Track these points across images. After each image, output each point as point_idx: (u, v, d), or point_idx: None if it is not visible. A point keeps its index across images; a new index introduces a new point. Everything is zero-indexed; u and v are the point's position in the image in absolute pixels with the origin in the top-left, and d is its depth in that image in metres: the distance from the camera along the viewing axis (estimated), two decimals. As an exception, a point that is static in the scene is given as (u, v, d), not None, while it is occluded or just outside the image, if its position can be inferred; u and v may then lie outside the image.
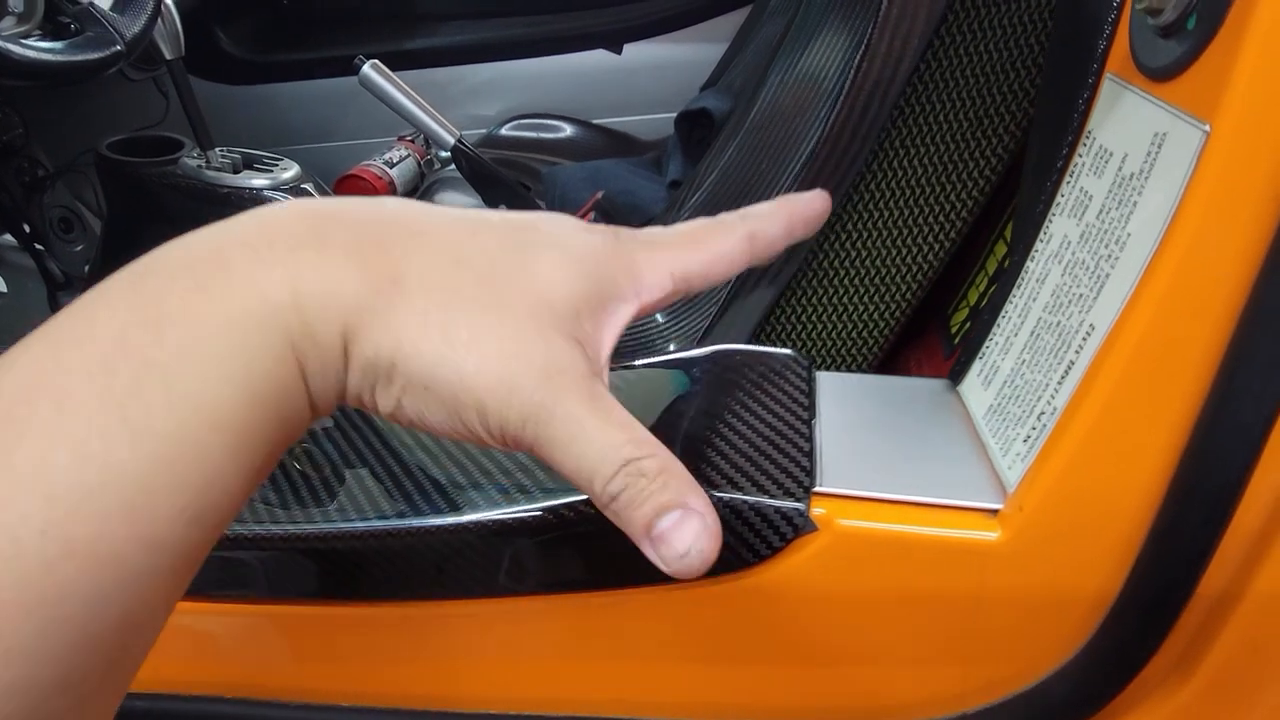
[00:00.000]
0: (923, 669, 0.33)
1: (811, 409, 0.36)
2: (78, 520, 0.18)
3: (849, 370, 0.57)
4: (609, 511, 0.23)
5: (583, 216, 1.01)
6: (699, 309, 0.88)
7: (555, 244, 0.25)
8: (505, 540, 0.34)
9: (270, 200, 1.06)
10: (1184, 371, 0.26)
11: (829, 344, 0.57)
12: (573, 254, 0.24)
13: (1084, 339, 0.29)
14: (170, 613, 0.21)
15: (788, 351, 0.39)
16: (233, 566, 0.38)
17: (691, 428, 0.35)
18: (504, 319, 0.23)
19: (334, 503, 0.38)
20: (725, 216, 0.28)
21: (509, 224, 0.25)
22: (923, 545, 0.31)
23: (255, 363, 0.21)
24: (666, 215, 1.17)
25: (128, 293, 0.21)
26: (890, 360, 0.60)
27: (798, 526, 0.31)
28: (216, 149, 1.08)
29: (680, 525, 0.23)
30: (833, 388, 0.38)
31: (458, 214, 0.25)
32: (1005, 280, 0.35)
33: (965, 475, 0.32)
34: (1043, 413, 0.30)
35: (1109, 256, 0.28)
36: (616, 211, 1.05)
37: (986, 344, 0.35)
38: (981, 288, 0.57)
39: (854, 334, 0.57)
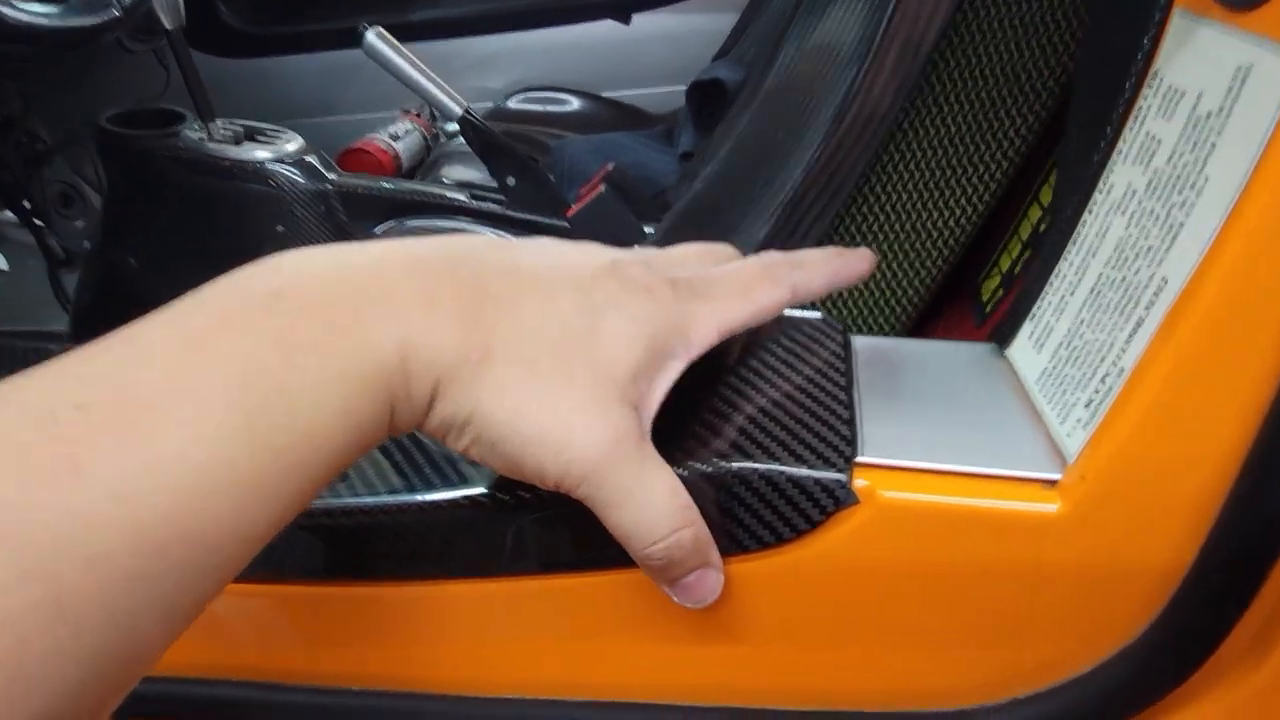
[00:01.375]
0: (971, 651, 0.31)
1: (849, 374, 0.33)
2: (197, 512, 0.21)
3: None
4: (643, 567, 0.28)
5: (592, 189, 0.99)
6: (702, 238, 0.86)
7: (621, 310, 0.27)
8: (523, 515, 0.32)
9: (274, 175, 1.04)
10: (1270, 325, 0.24)
11: (856, 312, 0.55)
12: (635, 321, 0.27)
13: (1155, 294, 0.26)
14: None
15: (819, 315, 0.37)
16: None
17: (722, 392, 0.33)
18: (570, 391, 0.26)
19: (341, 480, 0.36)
20: (774, 261, 0.31)
21: (583, 285, 0.28)
22: (974, 519, 0.29)
23: (362, 409, 0.24)
24: (679, 186, 1.14)
25: (262, 315, 0.23)
26: (917, 331, 0.57)
27: (839, 499, 0.29)
28: (218, 121, 1.05)
29: (701, 580, 0.29)
30: (870, 352, 0.35)
31: (541, 272, 0.28)
32: (1055, 237, 0.33)
33: (1018, 444, 0.30)
34: (1107, 375, 0.27)
35: (1183, 204, 0.26)
36: (627, 183, 1.03)
37: (1038, 304, 0.33)
38: (1015, 253, 0.55)
39: (882, 302, 0.54)
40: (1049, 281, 0.32)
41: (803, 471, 0.29)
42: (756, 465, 0.30)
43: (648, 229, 0.98)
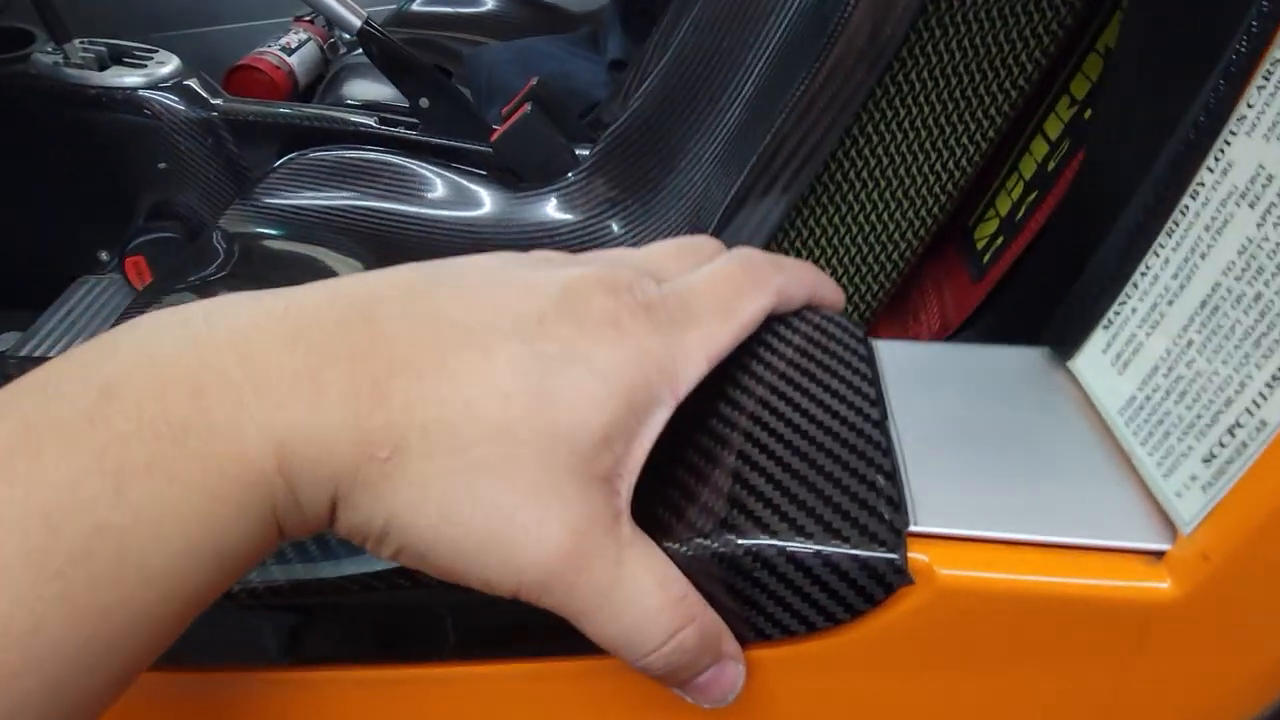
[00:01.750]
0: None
1: (882, 403, 0.27)
2: None
3: (865, 296, 0.48)
4: (644, 674, 0.22)
5: (517, 109, 0.88)
6: (674, 206, 0.77)
7: (583, 362, 0.21)
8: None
9: (149, 103, 0.90)
10: None
11: (846, 261, 0.48)
12: (602, 374, 0.21)
13: (1312, 324, 0.20)
14: None
15: (834, 315, 0.30)
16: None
17: (722, 427, 0.26)
18: (513, 481, 0.20)
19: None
20: (756, 263, 0.26)
21: (527, 333, 0.21)
22: (1058, 601, 0.23)
23: (228, 531, 0.19)
24: (612, 103, 1.04)
25: (83, 427, 0.18)
26: (906, 282, 0.51)
27: (891, 584, 0.23)
28: (75, 41, 0.91)
29: (718, 678, 0.23)
30: (900, 366, 0.29)
31: (471, 318, 0.21)
32: (1137, 220, 0.26)
33: (1109, 499, 0.24)
34: (1238, 425, 0.21)
35: (1351, 202, 0.20)
36: (554, 100, 0.92)
37: (1117, 308, 0.26)
38: (1016, 194, 0.48)
39: (875, 250, 0.47)
40: (1133, 280, 0.26)
41: (844, 550, 0.23)
42: (781, 543, 0.23)
43: (580, 151, 0.88)
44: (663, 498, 0.24)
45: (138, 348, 0.19)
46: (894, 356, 0.29)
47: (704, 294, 0.24)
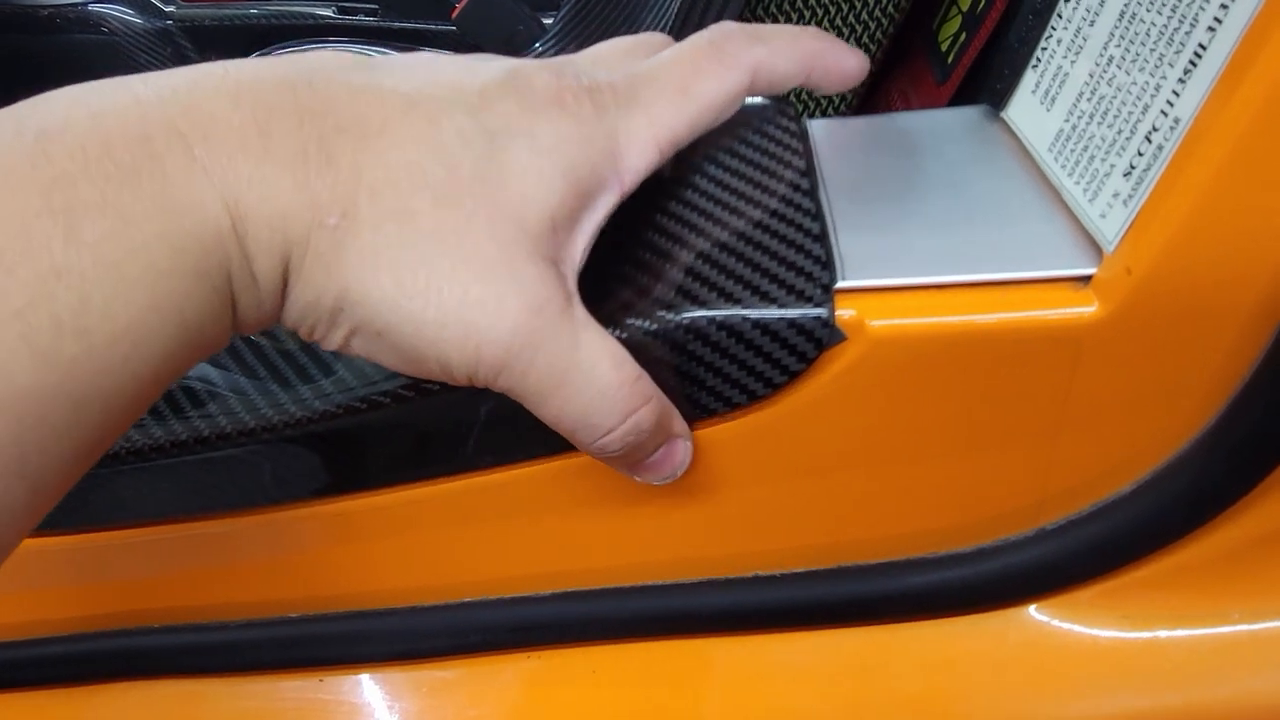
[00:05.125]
0: (988, 486, 0.26)
1: (812, 173, 0.26)
2: None
3: (827, 111, 0.47)
4: (597, 458, 0.23)
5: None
6: (608, 23, 0.75)
7: (526, 135, 0.20)
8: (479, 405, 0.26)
9: (103, 19, 0.88)
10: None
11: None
12: (546, 149, 0.21)
13: (1221, 8, 0.19)
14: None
15: (762, 100, 0.29)
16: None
17: (654, 214, 0.26)
18: (467, 254, 0.19)
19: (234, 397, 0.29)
20: (725, 35, 0.23)
21: (470, 105, 0.21)
22: (988, 337, 0.23)
23: (188, 297, 0.18)
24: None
25: (24, 165, 0.16)
26: (873, 89, 0.50)
27: (821, 340, 0.23)
28: (17, -39, 0.88)
29: (668, 455, 0.24)
30: (832, 138, 0.28)
31: (414, 89, 0.20)
32: (1060, -52, 0.25)
33: (1036, 233, 0.23)
34: (1155, 129, 0.21)
35: None
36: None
37: (1042, 44, 0.25)
38: (975, -14, 0.46)
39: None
40: (1056, 11, 0.25)
41: (772, 313, 0.23)
42: (712, 312, 0.23)
43: (546, 19, 0.86)
44: (596, 291, 0.24)
45: (71, 100, 0.18)
46: (828, 130, 0.28)
47: (657, 76, 0.23)
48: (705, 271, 0.24)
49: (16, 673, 0.35)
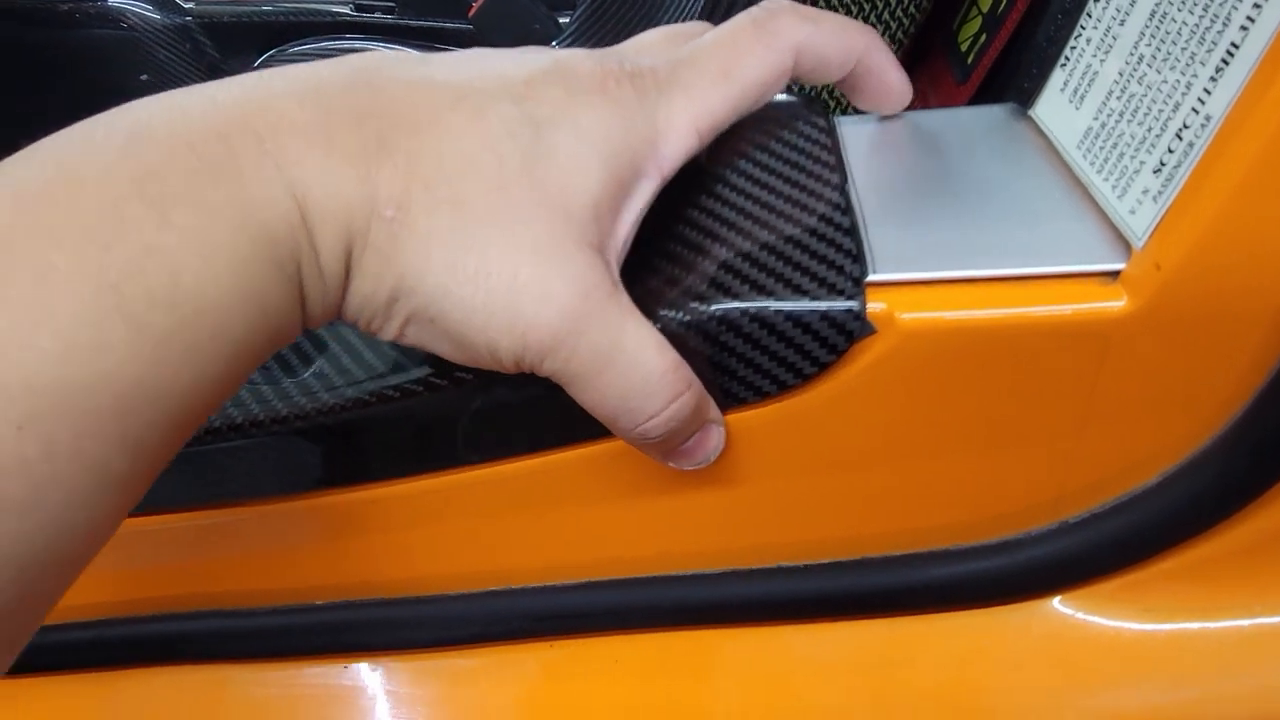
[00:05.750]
0: (1012, 479, 0.26)
1: (842, 168, 0.27)
2: (62, 419, 0.16)
3: (848, 111, 0.47)
4: (634, 444, 0.23)
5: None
6: (624, 22, 0.76)
7: (571, 123, 0.21)
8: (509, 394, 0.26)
9: (123, 14, 0.89)
10: None
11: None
12: (590, 136, 0.21)
13: (1254, 7, 0.19)
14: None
15: (792, 97, 0.30)
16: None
17: (687, 208, 0.26)
18: (516, 240, 0.20)
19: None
20: (772, 11, 0.23)
21: (517, 94, 0.21)
22: (1018, 331, 0.23)
23: (266, 285, 0.19)
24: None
25: (116, 158, 0.18)
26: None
27: (852, 332, 0.23)
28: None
29: (703, 440, 0.24)
30: (860, 136, 0.28)
31: (463, 82, 0.21)
32: (1090, -51, 0.25)
33: (1065, 229, 0.24)
34: (1186, 126, 0.21)
35: None
36: (531, -31, 0.89)
37: (1071, 44, 0.26)
38: (996, -13, 0.47)
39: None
40: (1085, 11, 0.25)
41: (804, 305, 0.23)
42: (745, 304, 0.24)
43: (562, 19, 0.86)
44: (635, 280, 0.25)
45: (156, 103, 0.19)
46: (857, 128, 0.29)
47: (698, 59, 0.23)
48: (738, 264, 0.24)
49: (44, 657, 0.35)
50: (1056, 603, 0.27)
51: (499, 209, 0.20)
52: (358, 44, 0.88)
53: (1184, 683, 0.25)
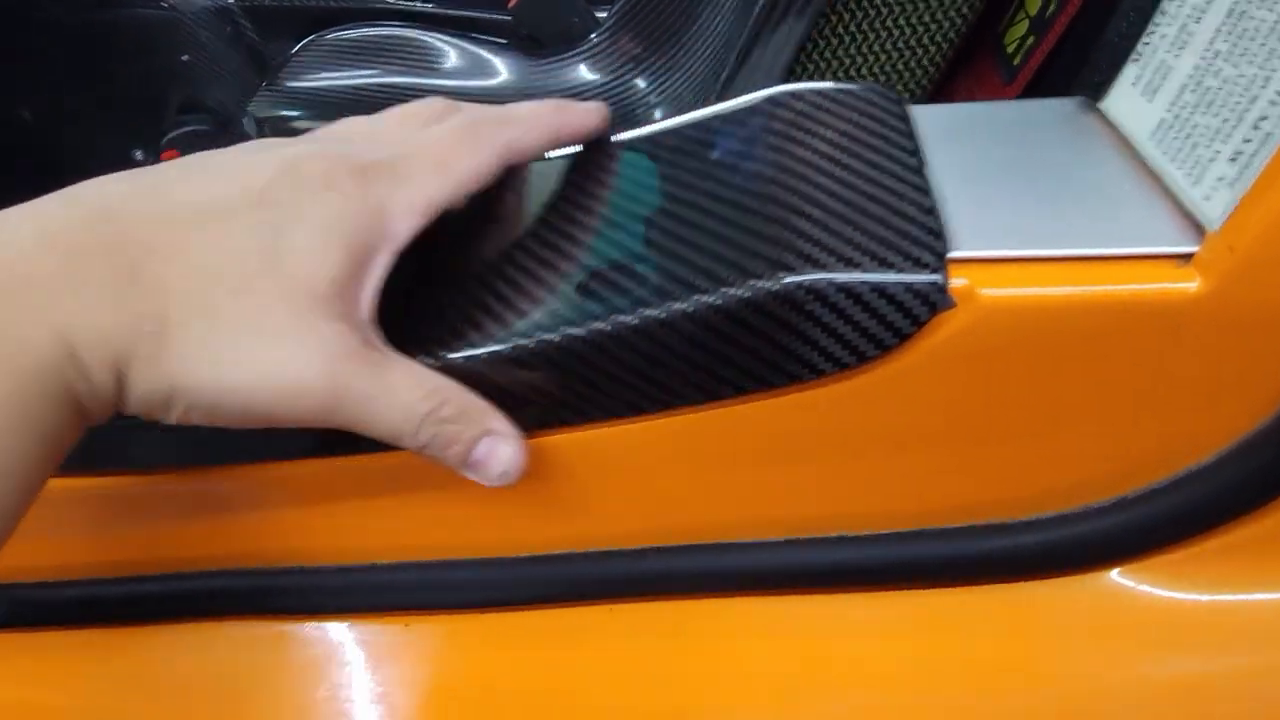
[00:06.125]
0: (1077, 452, 0.27)
1: (918, 153, 0.28)
2: None
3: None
4: (426, 458, 0.26)
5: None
6: (698, 57, 0.77)
7: (304, 219, 0.25)
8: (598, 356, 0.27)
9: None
10: None
11: (877, 72, 0.48)
12: (320, 227, 0.25)
13: (1337, 4, 0.21)
14: None
15: (866, 85, 0.31)
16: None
17: (771, 191, 0.27)
18: (267, 329, 0.23)
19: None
20: (478, 121, 0.29)
21: (253, 201, 0.25)
22: (1093, 309, 0.24)
23: (43, 413, 0.22)
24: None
25: None
26: (936, 95, 0.51)
27: (934, 304, 0.25)
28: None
29: (492, 452, 0.26)
30: (936, 124, 0.30)
31: (202, 199, 0.25)
32: (1166, -50, 0.26)
33: (1139, 213, 0.25)
34: (1263, 118, 0.22)
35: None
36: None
37: (1145, 40, 0.27)
38: (1045, -9, 0.48)
39: (901, 64, 0.48)
40: (1159, 8, 0.26)
41: (889, 277, 0.25)
42: (831, 275, 0.25)
43: (600, 13, 0.87)
44: (707, 251, 0.26)
45: None
46: (931, 115, 0.30)
47: (419, 154, 0.27)
48: (822, 238, 0.25)
49: (105, 609, 0.36)
50: (1116, 574, 0.28)
51: (247, 308, 0.23)
52: (395, 30, 0.89)
53: (1235, 651, 0.27)
